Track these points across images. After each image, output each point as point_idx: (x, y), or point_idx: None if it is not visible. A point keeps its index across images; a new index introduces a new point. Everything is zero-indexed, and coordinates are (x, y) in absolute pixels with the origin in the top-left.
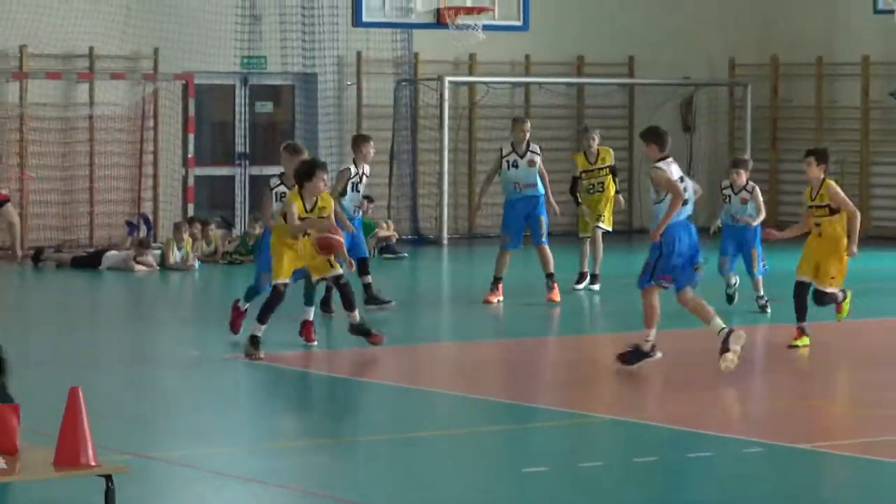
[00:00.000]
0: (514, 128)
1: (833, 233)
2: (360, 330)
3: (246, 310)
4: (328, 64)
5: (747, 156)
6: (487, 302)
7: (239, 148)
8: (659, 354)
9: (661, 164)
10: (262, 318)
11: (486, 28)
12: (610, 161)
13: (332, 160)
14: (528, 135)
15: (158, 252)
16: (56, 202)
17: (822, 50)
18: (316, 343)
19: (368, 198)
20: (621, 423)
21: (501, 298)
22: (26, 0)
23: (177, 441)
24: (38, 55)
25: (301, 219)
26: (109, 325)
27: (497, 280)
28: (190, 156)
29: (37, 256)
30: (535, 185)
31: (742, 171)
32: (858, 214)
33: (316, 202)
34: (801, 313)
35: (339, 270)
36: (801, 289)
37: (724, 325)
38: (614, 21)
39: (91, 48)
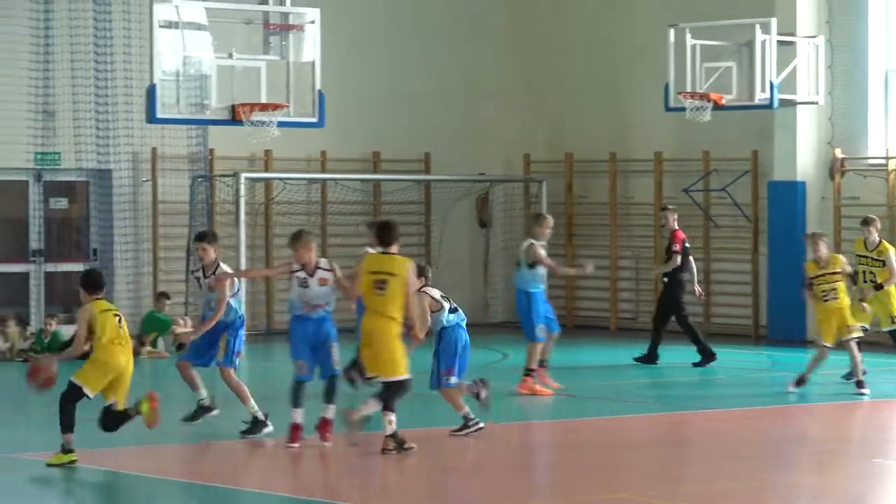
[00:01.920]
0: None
1: None
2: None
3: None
4: (123, 160)
5: None
6: None
7: (33, 244)
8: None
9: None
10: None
11: (281, 125)
12: (839, 267)
13: (128, 256)
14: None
15: None
16: None
17: (616, 146)
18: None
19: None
20: None
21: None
22: None
23: None
24: None
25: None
26: None
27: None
28: None
29: None
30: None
31: None
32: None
33: None
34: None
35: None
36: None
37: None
38: (410, 118)
39: None
